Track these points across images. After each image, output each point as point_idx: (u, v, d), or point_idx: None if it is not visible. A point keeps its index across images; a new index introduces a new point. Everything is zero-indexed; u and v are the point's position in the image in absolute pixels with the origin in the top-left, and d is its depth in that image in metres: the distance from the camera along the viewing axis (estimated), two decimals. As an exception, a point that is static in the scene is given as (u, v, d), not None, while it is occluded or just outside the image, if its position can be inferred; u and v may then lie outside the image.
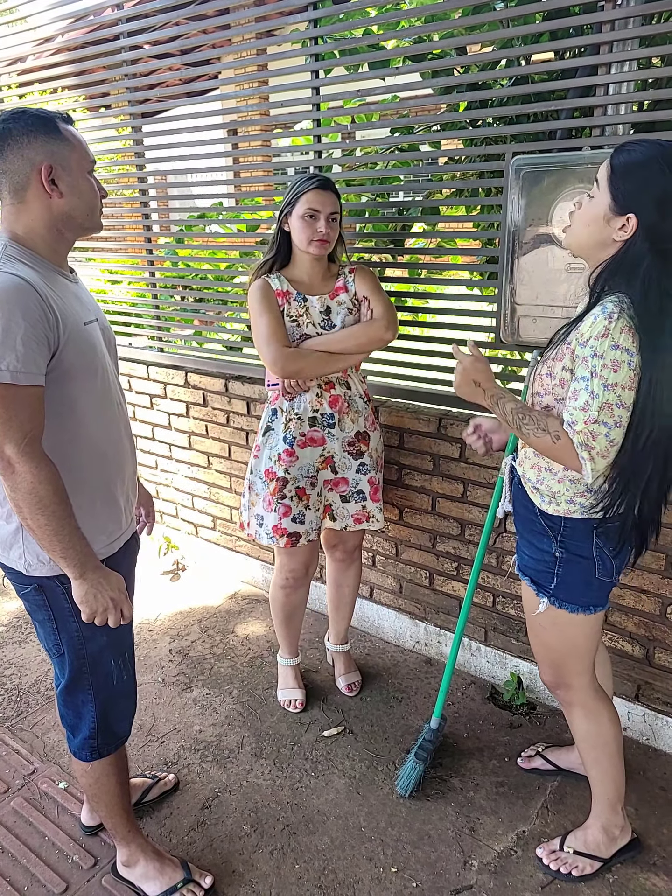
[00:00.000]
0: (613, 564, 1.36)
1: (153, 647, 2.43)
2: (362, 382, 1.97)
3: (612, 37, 1.60)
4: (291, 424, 1.86)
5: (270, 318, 1.79)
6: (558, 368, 1.27)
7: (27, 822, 1.74)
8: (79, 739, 1.41)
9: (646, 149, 1.16)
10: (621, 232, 1.18)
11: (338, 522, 1.98)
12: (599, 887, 1.54)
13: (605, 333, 1.15)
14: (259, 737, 2.00)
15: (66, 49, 2.84)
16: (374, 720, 2.05)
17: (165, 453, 2.96)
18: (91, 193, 1.25)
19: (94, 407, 1.29)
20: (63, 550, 1.19)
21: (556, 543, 1.37)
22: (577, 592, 1.38)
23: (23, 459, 1.13)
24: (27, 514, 1.16)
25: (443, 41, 2.07)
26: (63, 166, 1.20)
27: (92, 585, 1.22)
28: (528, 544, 1.44)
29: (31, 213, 1.21)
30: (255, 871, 1.60)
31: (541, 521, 1.39)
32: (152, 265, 2.89)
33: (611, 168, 1.19)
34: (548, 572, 1.40)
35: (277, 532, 1.89)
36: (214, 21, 2.35)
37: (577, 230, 1.26)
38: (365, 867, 1.60)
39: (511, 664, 2.14)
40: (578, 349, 1.20)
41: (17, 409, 1.12)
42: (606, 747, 1.51)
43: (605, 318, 1.16)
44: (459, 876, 1.58)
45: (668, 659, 1.84)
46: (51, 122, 1.20)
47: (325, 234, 1.75)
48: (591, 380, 1.17)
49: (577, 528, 1.34)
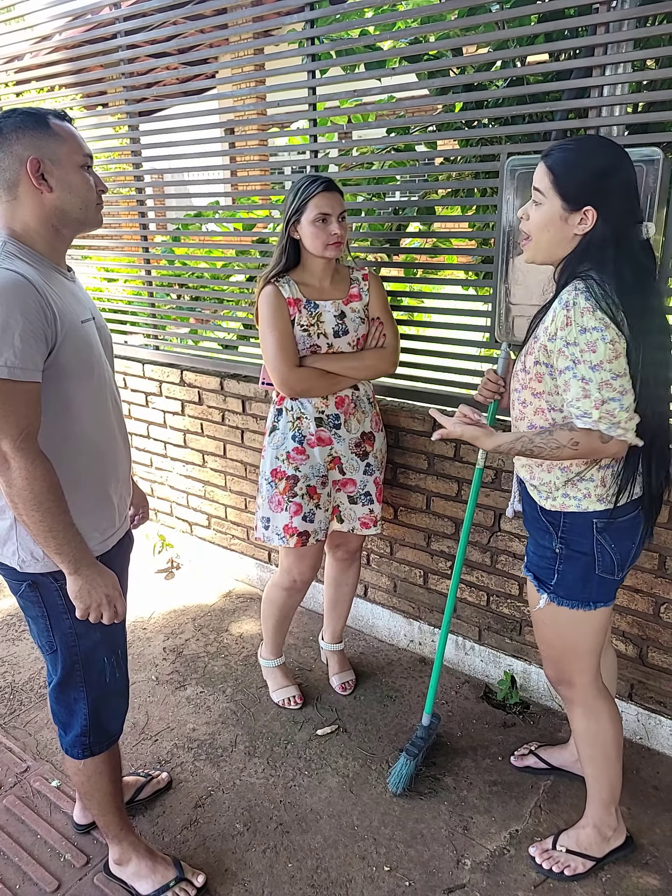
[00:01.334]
0: (615, 560, 1.36)
1: (147, 646, 2.43)
2: (366, 383, 1.96)
3: (607, 39, 1.61)
4: (300, 423, 1.86)
5: (279, 333, 1.78)
6: (530, 363, 1.29)
7: (19, 820, 1.74)
8: (70, 737, 1.41)
9: (577, 143, 1.21)
10: (582, 225, 1.21)
11: (345, 524, 1.97)
12: (592, 886, 1.54)
13: (567, 322, 1.18)
14: (252, 735, 2.00)
15: (64, 48, 2.84)
16: (368, 719, 2.06)
17: (160, 451, 2.96)
18: (83, 188, 1.24)
19: (89, 405, 1.29)
20: (58, 546, 1.19)
21: (556, 539, 1.38)
22: (576, 589, 1.39)
23: (18, 455, 1.13)
24: (23, 511, 1.16)
25: (439, 42, 2.08)
26: (52, 160, 1.20)
27: (86, 581, 1.23)
28: (533, 542, 1.46)
29: (26, 210, 1.21)
30: (248, 869, 1.60)
31: (542, 517, 1.40)
32: (148, 263, 2.89)
33: (551, 172, 1.22)
34: (549, 569, 1.41)
35: (288, 531, 1.88)
36: (212, 21, 2.35)
37: (536, 239, 1.28)
38: (358, 866, 1.60)
39: (505, 663, 2.15)
40: (549, 343, 1.23)
41: (13, 405, 1.12)
42: (604, 747, 1.51)
43: (562, 308, 1.19)
44: (452, 875, 1.58)
45: (662, 658, 1.85)
46: (41, 119, 1.20)
47: (339, 235, 1.74)
48: (575, 367, 1.19)
49: (576, 523, 1.35)
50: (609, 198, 1.19)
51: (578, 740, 1.54)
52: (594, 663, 1.47)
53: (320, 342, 1.82)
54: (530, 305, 1.80)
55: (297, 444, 1.86)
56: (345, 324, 1.84)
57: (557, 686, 1.53)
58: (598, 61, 1.65)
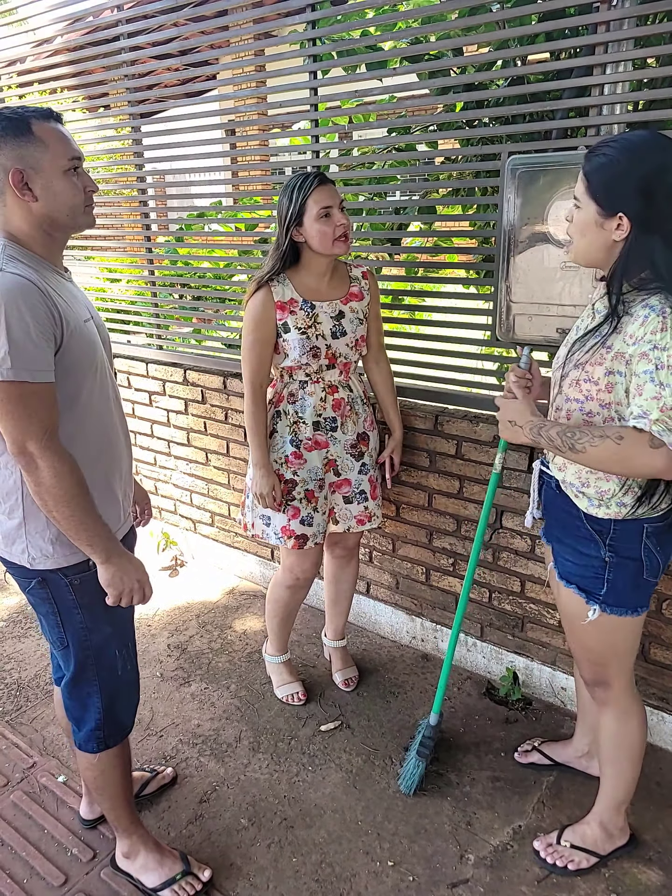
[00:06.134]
0: (661, 563, 1.34)
1: (152, 642, 2.44)
2: (361, 383, 1.97)
3: (607, 38, 1.62)
4: (297, 427, 1.87)
5: (256, 354, 1.80)
6: (600, 373, 1.23)
7: (26, 815, 1.75)
8: (84, 731, 1.42)
9: (611, 147, 1.18)
10: (619, 231, 1.18)
11: (341, 525, 1.98)
12: (595, 881, 1.55)
13: (662, 328, 1.12)
14: (257, 731, 2.02)
15: (67, 50, 2.86)
16: (371, 715, 2.07)
17: (164, 450, 2.97)
18: (68, 193, 1.22)
19: (93, 403, 1.31)
20: (89, 538, 1.22)
21: (604, 548, 1.33)
22: (626, 596, 1.35)
23: (45, 455, 1.15)
24: (53, 507, 1.18)
25: (440, 42, 2.09)
26: (35, 169, 1.18)
27: (118, 569, 1.25)
28: (573, 551, 1.39)
29: (16, 216, 1.22)
30: (253, 864, 1.61)
31: (587, 525, 1.34)
32: (151, 263, 2.90)
33: (585, 178, 1.21)
34: (597, 578, 1.36)
35: (286, 533, 1.89)
36: (214, 22, 2.37)
37: (576, 243, 1.26)
38: (362, 861, 1.62)
39: (507, 660, 2.16)
40: (630, 349, 1.17)
41: (35, 406, 1.14)
42: (630, 750, 1.50)
43: (657, 315, 1.13)
44: (456, 870, 1.59)
45: (664, 654, 1.86)
46: (22, 124, 1.17)
47: (346, 225, 1.71)
48: (656, 371, 1.13)
49: (626, 530, 1.31)
50: (649, 202, 1.14)
51: (605, 740, 1.53)
52: (631, 665, 1.46)
53: (319, 343, 1.81)
54: (531, 304, 1.81)
55: (295, 448, 1.87)
56: (342, 325, 1.83)
57: (594, 688, 1.50)
58: (598, 60, 1.65)
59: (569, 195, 1.67)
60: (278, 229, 1.76)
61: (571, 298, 1.73)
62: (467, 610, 2.20)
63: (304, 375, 1.85)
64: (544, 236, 1.73)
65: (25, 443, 1.15)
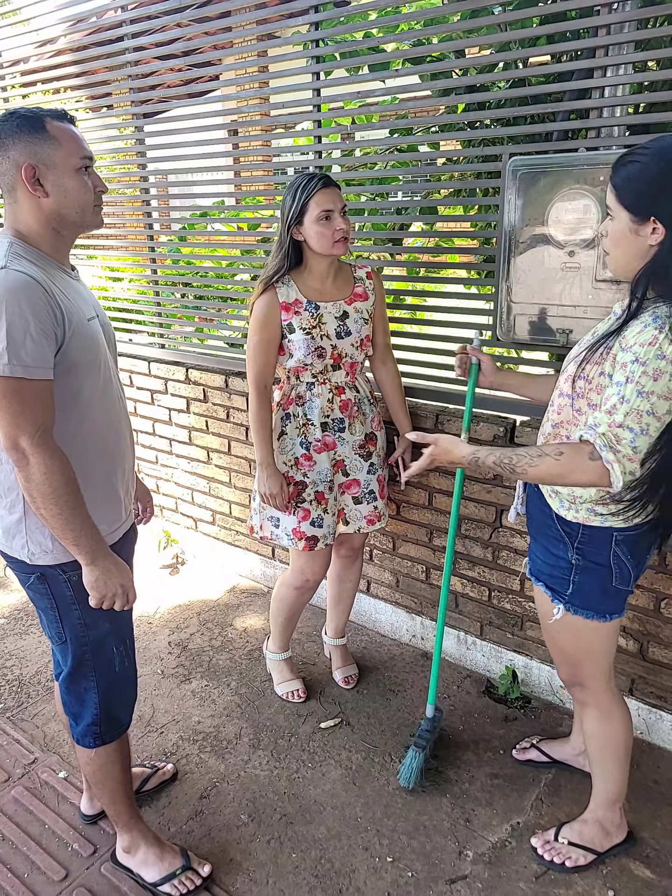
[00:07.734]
0: (632, 573, 1.34)
1: (153, 640, 2.46)
2: (367, 383, 1.98)
3: (608, 41, 1.63)
4: (306, 429, 1.87)
5: (261, 355, 1.82)
6: (595, 373, 1.23)
7: (27, 810, 1.76)
8: (82, 726, 1.43)
9: (639, 155, 1.17)
10: (654, 236, 1.16)
11: (351, 526, 1.99)
12: (592, 878, 1.56)
13: (652, 342, 1.10)
14: (257, 728, 2.03)
15: (70, 50, 2.87)
16: (371, 712, 2.08)
17: (166, 448, 2.98)
18: (79, 191, 1.24)
19: (96, 400, 1.32)
20: (75, 538, 1.22)
21: (572, 550, 1.34)
22: (593, 600, 1.36)
23: (36, 451, 1.16)
24: (41, 504, 1.19)
25: (442, 44, 2.11)
26: (48, 165, 1.20)
27: (102, 572, 1.26)
28: (543, 549, 1.42)
29: (25, 212, 1.23)
30: (253, 860, 1.62)
31: (557, 525, 1.36)
32: (154, 263, 2.91)
33: (614, 188, 1.19)
34: (563, 578, 1.37)
35: (297, 535, 1.90)
36: (217, 23, 2.38)
37: (613, 254, 1.24)
38: (361, 857, 1.63)
39: (506, 658, 2.17)
40: (620, 354, 1.16)
41: (30, 402, 1.15)
42: (615, 750, 1.51)
43: (655, 326, 1.11)
44: (454, 866, 1.60)
45: (662, 653, 1.87)
46: (37, 122, 1.19)
47: (345, 230, 1.73)
48: (625, 385, 1.11)
49: (595, 536, 1.32)
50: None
51: (589, 741, 1.54)
52: (608, 667, 1.46)
53: (324, 344, 1.82)
54: (531, 304, 1.82)
55: (305, 450, 1.88)
56: (347, 325, 1.84)
57: (571, 689, 1.52)
58: (599, 63, 1.66)
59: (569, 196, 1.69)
60: (280, 227, 1.79)
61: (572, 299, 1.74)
62: (467, 609, 2.21)
63: (310, 377, 1.86)
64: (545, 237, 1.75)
65: (18, 438, 1.15)
